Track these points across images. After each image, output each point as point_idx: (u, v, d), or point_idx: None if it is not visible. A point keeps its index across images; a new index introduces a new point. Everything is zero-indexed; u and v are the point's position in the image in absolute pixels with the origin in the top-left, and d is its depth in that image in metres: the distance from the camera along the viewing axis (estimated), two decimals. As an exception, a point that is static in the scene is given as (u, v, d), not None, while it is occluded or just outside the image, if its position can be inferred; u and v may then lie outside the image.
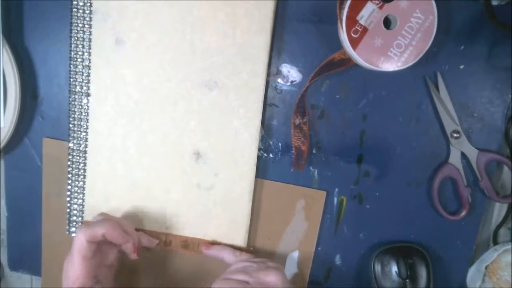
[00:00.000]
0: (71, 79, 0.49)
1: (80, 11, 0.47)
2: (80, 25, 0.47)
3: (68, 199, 0.52)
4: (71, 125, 0.50)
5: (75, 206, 0.52)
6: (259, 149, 0.50)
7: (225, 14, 0.46)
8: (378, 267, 0.51)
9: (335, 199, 0.51)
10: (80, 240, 0.44)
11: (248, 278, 0.42)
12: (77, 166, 0.51)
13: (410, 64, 0.42)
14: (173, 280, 0.54)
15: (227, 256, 0.49)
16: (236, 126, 0.48)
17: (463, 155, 0.49)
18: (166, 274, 0.54)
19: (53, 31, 0.49)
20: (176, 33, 0.47)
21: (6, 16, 0.49)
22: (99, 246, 0.45)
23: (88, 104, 0.49)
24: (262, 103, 0.48)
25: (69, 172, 0.51)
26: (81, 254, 0.44)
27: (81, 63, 0.48)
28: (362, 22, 0.41)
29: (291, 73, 0.48)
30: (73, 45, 0.48)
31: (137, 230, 0.51)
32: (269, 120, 0.50)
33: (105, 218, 0.47)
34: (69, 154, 0.50)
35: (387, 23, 0.42)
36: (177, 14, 0.46)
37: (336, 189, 0.51)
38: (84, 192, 0.51)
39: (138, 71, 0.48)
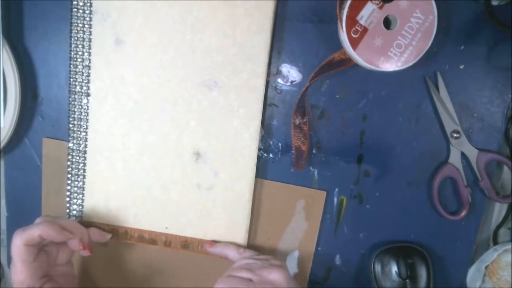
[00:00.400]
0: (71, 79, 0.49)
1: (80, 11, 0.47)
2: (80, 25, 0.47)
3: (68, 199, 0.51)
4: (71, 125, 0.50)
5: (75, 206, 0.52)
6: (259, 149, 0.50)
7: (225, 14, 0.46)
8: (378, 267, 0.51)
9: (335, 199, 0.51)
10: (16, 245, 0.43)
11: (252, 276, 0.42)
12: (77, 166, 0.51)
13: (410, 64, 0.42)
14: (173, 280, 0.54)
15: (231, 253, 0.49)
16: (236, 126, 0.48)
17: (463, 155, 0.49)
18: (166, 274, 0.54)
19: (53, 31, 0.49)
20: (176, 33, 0.47)
21: (6, 16, 0.49)
22: (44, 247, 0.45)
23: (88, 104, 0.49)
24: (262, 103, 0.48)
25: (68, 172, 0.51)
26: (21, 258, 0.43)
27: (81, 63, 0.48)
28: (362, 22, 0.41)
29: (291, 73, 0.48)
30: (73, 45, 0.48)
31: (88, 226, 0.50)
32: (269, 120, 0.50)
33: (44, 220, 0.46)
34: (69, 154, 0.50)
35: (387, 23, 0.42)
36: (177, 14, 0.46)
37: (336, 189, 0.51)
38: (84, 192, 0.51)
39: (138, 71, 0.48)
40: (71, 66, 0.48)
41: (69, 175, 0.51)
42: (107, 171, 0.50)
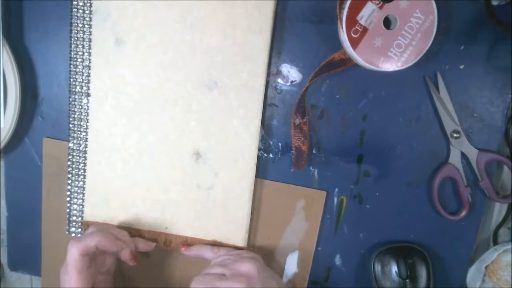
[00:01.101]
0: (71, 79, 0.49)
1: (80, 11, 0.47)
2: (80, 25, 0.47)
3: (68, 199, 0.52)
4: (71, 125, 0.50)
5: (75, 206, 0.52)
6: (259, 149, 0.50)
7: (225, 14, 0.46)
8: (378, 267, 0.51)
9: (335, 199, 0.51)
10: (73, 254, 0.44)
11: (225, 270, 0.44)
12: (77, 166, 0.51)
13: (410, 64, 0.42)
14: (173, 280, 0.54)
15: (207, 253, 0.50)
16: (236, 126, 0.48)
17: (463, 155, 0.49)
18: (166, 274, 0.54)
19: (53, 31, 0.49)
20: (176, 33, 0.47)
21: (6, 16, 0.49)
22: (94, 256, 0.45)
23: (88, 104, 0.49)
24: (262, 103, 0.48)
25: (69, 172, 0.51)
26: (76, 268, 0.44)
27: (81, 63, 0.48)
28: (362, 22, 0.41)
29: (291, 73, 0.48)
30: (73, 45, 0.48)
31: (133, 235, 0.51)
32: (269, 120, 0.50)
33: (97, 229, 0.47)
34: (69, 154, 0.50)
35: (387, 23, 0.42)
36: (177, 14, 0.46)
37: (336, 189, 0.51)
38: (84, 192, 0.51)
39: (138, 71, 0.48)
40: (71, 66, 0.48)
41: (69, 175, 0.51)
42: (107, 171, 0.50)
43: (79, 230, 0.52)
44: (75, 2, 0.47)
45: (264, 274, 0.45)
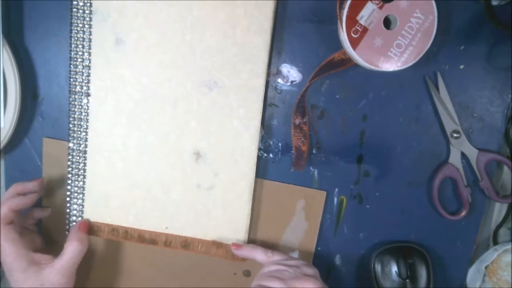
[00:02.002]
0: (71, 79, 0.49)
1: (80, 11, 0.47)
2: (80, 25, 0.47)
3: (68, 199, 0.52)
4: (71, 125, 0.50)
5: (75, 206, 0.52)
6: (259, 149, 0.50)
7: (225, 14, 0.46)
8: (378, 267, 0.51)
9: (335, 199, 0.51)
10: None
11: (284, 286, 0.41)
12: (77, 166, 0.51)
13: (410, 64, 0.42)
14: (174, 280, 0.54)
15: (259, 256, 0.48)
16: (236, 126, 0.48)
17: (463, 155, 0.49)
18: (166, 274, 0.54)
19: (53, 31, 0.49)
20: (176, 33, 0.47)
21: (6, 16, 0.49)
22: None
23: (88, 104, 0.49)
24: (262, 103, 0.48)
25: (69, 172, 0.51)
26: (7, 238, 0.46)
27: (81, 63, 0.48)
28: (362, 22, 0.41)
29: (291, 73, 0.48)
30: (73, 45, 0.48)
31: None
32: (269, 120, 0.50)
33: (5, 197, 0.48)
34: (69, 154, 0.50)
35: (387, 23, 0.42)
36: (177, 14, 0.46)
37: (336, 189, 0.51)
38: (84, 192, 0.51)
39: (138, 71, 0.48)
40: (71, 66, 0.48)
41: (69, 175, 0.51)
42: (107, 171, 0.50)
43: (79, 230, 0.52)
44: (75, 2, 0.47)
45: None
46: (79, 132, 0.50)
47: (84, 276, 0.54)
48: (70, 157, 0.50)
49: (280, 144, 0.50)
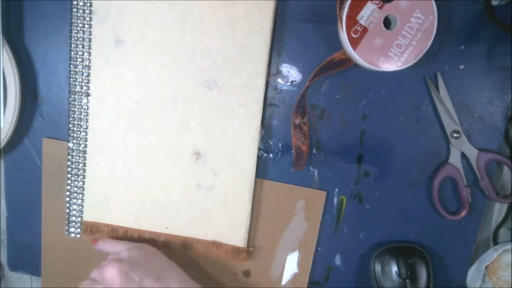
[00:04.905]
0: (71, 79, 0.49)
1: (80, 11, 0.47)
2: (80, 25, 0.47)
3: (68, 199, 0.52)
4: (71, 125, 0.50)
5: (75, 206, 0.52)
6: (259, 149, 0.50)
7: (225, 14, 0.46)
8: (378, 267, 0.51)
9: (335, 199, 0.51)
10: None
11: (96, 275, 0.45)
12: (76, 166, 0.51)
13: (410, 64, 0.42)
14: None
15: (110, 248, 0.50)
16: (236, 126, 0.48)
17: (463, 155, 0.49)
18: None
19: (53, 31, 0.49)
20: (176, 33, 0.47)
21: (6, 16, 0.49)
22: None
23: (88, 104, 0.49)
24: (262, 103, 0.48)
25: (68, 172, 0.51)
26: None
27: (81, 63, 0.48)
28: (362, 22, 0.41)
29: (291, 73, 0.48)
30: (73, 45, 0.48)
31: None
32: (269, 120, 0.50)
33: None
34: (68, 154, 0.50)
35: (387, 23, 0.42)
36: (177, 14, 0.46)
37: (336, 189, 0.51)
38: (84, 192, 0.51)
39: (138, 71, 0.48)
40: (71, 66, 0.48)
41: (69, 175, 0.51)
42: (106, 171, 0.50)
43: (79, 230, 0.52)
44: (75, 2, 0.47)
45: (126, 279, 0.43)
46: (79, 132, 0.50)
47: (84, 276, 0.54)
48: (69, 157, 0.50)
49: (280, 144, 0.50)
